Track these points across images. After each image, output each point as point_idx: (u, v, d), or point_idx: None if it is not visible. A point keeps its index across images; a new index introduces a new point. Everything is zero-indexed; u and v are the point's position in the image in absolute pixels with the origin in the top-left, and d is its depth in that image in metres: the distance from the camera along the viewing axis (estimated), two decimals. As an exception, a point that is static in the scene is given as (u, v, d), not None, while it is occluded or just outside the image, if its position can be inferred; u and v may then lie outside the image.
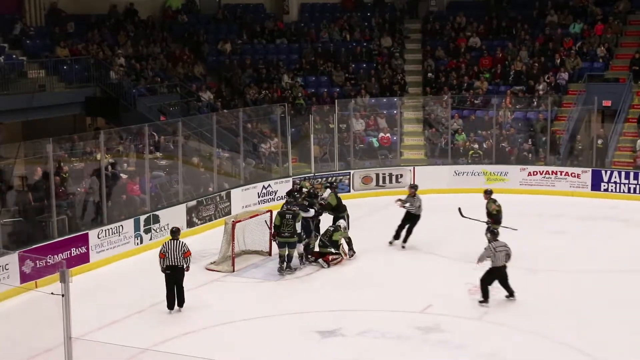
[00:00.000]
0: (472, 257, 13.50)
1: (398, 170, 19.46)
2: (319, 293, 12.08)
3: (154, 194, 15.42)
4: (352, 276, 12.84)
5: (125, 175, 15.30)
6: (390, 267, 13.33)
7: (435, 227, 15.94)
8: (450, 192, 19.08)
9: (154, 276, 12.89)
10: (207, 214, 16.06)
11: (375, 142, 20.68)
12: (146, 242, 14.47)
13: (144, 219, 14.46)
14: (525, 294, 11.78)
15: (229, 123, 18.64)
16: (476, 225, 15.99)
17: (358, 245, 13.93)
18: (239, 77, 22.38)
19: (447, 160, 20.00)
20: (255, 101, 21.60)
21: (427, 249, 14.30)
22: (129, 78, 19.88)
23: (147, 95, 19.93)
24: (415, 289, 12.12)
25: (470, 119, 20.97)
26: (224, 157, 18.04)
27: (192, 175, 16.72)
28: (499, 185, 19.17)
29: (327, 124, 20.37)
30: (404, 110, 21.76)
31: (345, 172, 19.07)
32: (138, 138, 15.68)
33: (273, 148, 19.34)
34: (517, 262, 13.24)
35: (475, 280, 12.18)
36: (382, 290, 12.06)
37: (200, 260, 13.71)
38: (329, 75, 23.13)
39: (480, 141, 20.35)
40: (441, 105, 21.23)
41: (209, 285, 12.48)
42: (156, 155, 16.45)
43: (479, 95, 21.66)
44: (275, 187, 17.73)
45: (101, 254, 13.55)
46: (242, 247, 13.96)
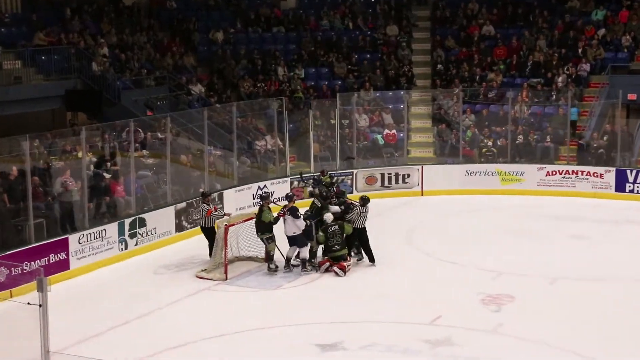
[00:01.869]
0: (486, 264, 13.53)
1: (405, 170, 19.43)
2: (319, 303, 12.05)
3: (140, 196, 15.38)
4: (355, 285, 12.81)
5: (108, 175, 15.26)
6: (396, 275, 13.28)
7: (445, 232, 15.92)
8: (462, 193, 19.05)
9: (140, 284, 12.89)
10: (198, 217, 15.92)
11: (380, 139, 20.65)
12: (131, 248, 14.41)
13: (128, 223, 14.41)
14: (542, 304, 11.76)
15: (221, 118, 18.61)
16: (491, 229, 16.01)
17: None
18: (233, 69, 22.36)
19: (457, 158, 19.98)
20: (250, 95, 21.59)
21: (436, 256, 14.27)
22: (112, 69, 19.85)
23: (133, 89, 19.91)
24: (423, 298, 12.09)
25: (484, 114, 20.94)
26: (216, 155, 18.01)
27: (182, 175, 16.69)
28: (514, 186, 19.17)
29: (328, 120, 20.35)
30: (412, 104, 21.73)
31: (348, 172, 19.03)
32: (122, 135, 15.62)
33: (269, 146, 19.32)
34: (534, 270, 13.24)
35: (490, 290, 12.16)
36: (388, 300, 12.03)
37: (190, 267, 13.68)
38: (330, 66, 23.11)
39: (495, 138, 20.33)
40: (452, 99, 21.20)
41: (200, 294, 12.45)
42: (142, 153, 16.42)
43: (493, 89, 21.64)
44: (272, 188, 17.69)
45: (82, 260, 13.51)
46: (235, 253, 13.93)
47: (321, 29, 24.23)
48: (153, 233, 14.89)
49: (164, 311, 11.65)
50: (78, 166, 14.25)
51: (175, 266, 13.90)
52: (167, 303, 11.93)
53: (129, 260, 14.23)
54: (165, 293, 12.38)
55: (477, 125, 20.65)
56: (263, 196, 13.58)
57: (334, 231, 13.17)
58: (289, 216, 13.12)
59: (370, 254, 13.63)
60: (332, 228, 13.17)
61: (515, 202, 18.27)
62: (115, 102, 19.04)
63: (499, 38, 23.28)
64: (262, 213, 13.14)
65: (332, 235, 13.14)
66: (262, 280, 13.03)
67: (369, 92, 21.87)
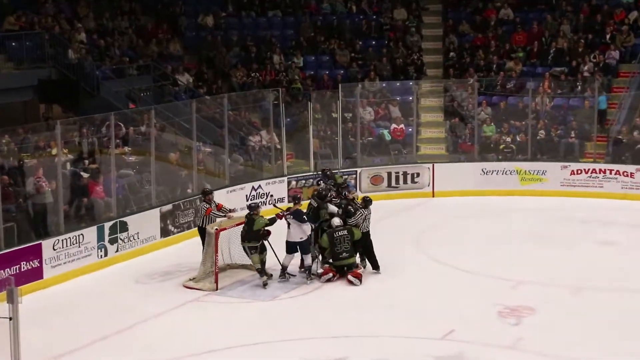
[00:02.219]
0: (504, 273, 13.51)
1: (414, 169, 19.41)
2: (319, 315, 12.03)
3: (121, 197, 15.37)
4: (358, 295, 12.79)
5: (86, 174, 15.25)
6: (403, 284, 13.27)
7: (458, 237, 15.90)
8: (477, 194, 19.05)
9: (121, 295, 12.87)
10: (185, 220, 16.03)
11: (386, 134, 20.64)
12: (111, 255, 14.41)
13: (109, 227, 14.42)
14: (566, 317, 11.73)
15: (211, 112, 18.62)
16: (510, 234, 15.99)
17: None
18: (224, 57, 22.35)
19: (473, 156, 19.93)
20: (242, 86, 21.58)
21: (449, 263, 14.25)
22: (91, 57, 19.83)
23: (113, 79, 19.89)
24: (434, 310, 12.07)
25: (501, 107, 20.90)
26: (206, 152, 18.00)
27: (167, 174, 16.68)
28: (535, 186, 19.15)
29: (329, 113, 20.33)
30: (421, 96, 21.71)
31: (351, 171, 19.01)
32: (102, 129, 15.60)
33: (264, 142, 19.31)
34: (559, 279, 13.22)
35: (508, 301, 12.14)
36: (395, 313, 12.01)
37: (176, 276, 13.67)
38: (332, 54, 23.09)
39: (514, 133, 20.30)
40: (466, 90, 21.18)
41: (187, 306, 12.43)
42: (124, 150, 16.41)
43: (512, 79, 21.61)
44: (267, 188, 17.68)
45: (57, 268, 13.50)
46: (227, 261, 13.92)
47: (322, 12, 24.21)
48: (136, 238, 14.87)
49: (148, 325, 11.62)
50: (52, 164, 14.23)
51: (160, 275, 13.88)
52: (150, 316, 11.90)
53: (109, 269, 14.22)
54: (149, 305, 12.36)
55: (494, 119, 20.63)
56: (252, 206, 13.43)
57: (342, 237, 13.12)
58: (293, 220, 13.04)
59: (375, 260, 13.61)
60: (339, 233, 13.12)
61: (536, 204, 18.24)
62: (94, 93, 19.00)
63: (518, 23, 23.25)
64: (253, 222, 12.94)
65: (339, 241, 13.09)
66: (256, 290, 13.00)
67: (375, 83, 21.85)
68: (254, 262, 13.09)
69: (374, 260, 13.62)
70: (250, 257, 13.15)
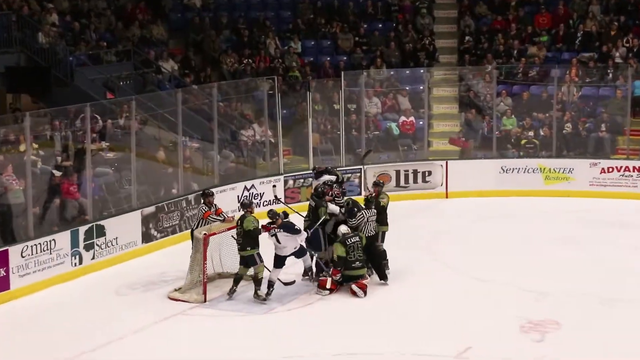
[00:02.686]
0: (526, 282, 13.49)
1: (425, 166, 19.41)
2: (320, 331, 12.01)
3: (98, 198, 15.37)
4: (364, 308, 12.78)
5: (58, 173, 15.22)
6: (414, 295, 13.26)
7: (475, 242, 15.88)
8: (496, 195, 19.05)
9: (98, 308, 12.84)
10: (170, 224, 16.02)
11: (394, 128, 20.65)
12: (87, 263, 14.39)
13: (84, 232, 14.40)
14: (596, 332, 11.71)
15: (199, 103, 18.60)
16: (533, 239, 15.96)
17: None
18: (213, 42, 22.33)
19: (491, 152, 19.91)
20: (234, 73, 21.57)
21: (465, 271, 14.24)
22: (64, 42, 19.81)
23: (89, 65, 19.89)
24: (449, 325, 12.06)
25: (523, 97, 20.89)
26: (193, 148, 18.00)
27: (150, 172, 16.68)
28: (561, 185, 19.13)
29: (330, 105, 20.32)
30: (434, 85, 21.71)
31: (355, 169, 19.01)
32: (76, 122, 15.56)
33: (258, 136, 19.30)
34: (588, 289, 13.20)
35: (531, 314, 12.11)
36: (404, 328, 12.00)
37: (160, 286, 13.65)
38: (333, 38, 23.10)
39: (537, 127, 20.26)
40: (483, 79, 21.18)
41: (173, 320, 12.42)
42: (101, 145, 16.39)
43: (535, 66, 21.60)
44: (261, 188, 17.66)
45: (26, 278, 13.47)
46: (217, 269, 13.90)
47: (322, -9, 24.21)
48: (114, 244, 14.87)
49: (127, 341, 11.59)
50: (21, 161, 14.20)
51: (141, 285, 13.86)
52: (131, 331, 11.88)
53: (85, 278, 14.19)
54: (129, 319, 12.33)
55: (515, 111, 20.62)
56: (245, 203, 13.37)
57: (355, 244, 13.09)
58: (285, 234, 12.88)
59: (382, 269, 13.58)
60: (352, 240, 13.10)
61: (563, 206, 18.23)
62: (67, 81, 19.01)
63: (542, 3, 23.25)
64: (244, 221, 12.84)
65: (352, 248, 13.06)
66: (249, 302, 12.96)
67: (381, 71, 21.85)
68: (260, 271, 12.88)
69: (381, 270, 13.60)
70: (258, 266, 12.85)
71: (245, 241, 12.84)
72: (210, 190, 14.28)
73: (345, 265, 13.07)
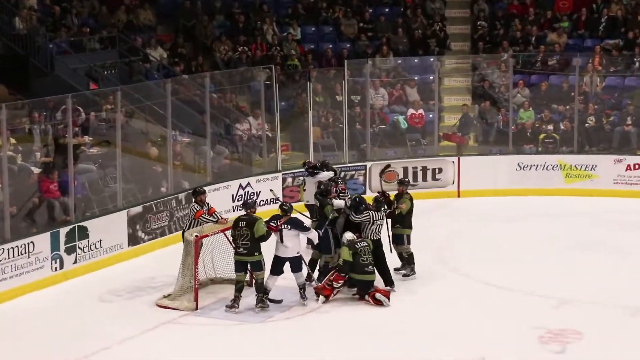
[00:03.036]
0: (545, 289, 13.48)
1: (436, 163, 19.43)
2: (322, 341, 11.99)
3: (81, 197, 15.36)
4: (369, 317, 12.77)
5: (37, 170, 15.21)
6: (424, 304, 13.28)
7: (489, 246, 15.87)
8: (512, 194, 19.08)
9: (81, 316, 12.84)
10: (158, 225, 16.03)
11: (402, 121, 20.64)
12: (69, 267, 14.39)
13: (65, 233, 14.40)
14: (621, 343, 11.70)
15: (190, 94, 18.59)
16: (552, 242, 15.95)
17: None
18: (205, 27, 22.32)
19: (507, 148, 19.91)
20: (228, 62, 21.55)
21: (478, 277, 14.24)
22: (44, 28, 19.79)
23: (71, 53, 19.89)
24: (461, 335, 12.05)
25: (542, 88, 20.86)
26: (183, 143, 18.00)
27: (137, 169, 16.69)
28: (583, 184, 19.11)
29: (332, 96, 20.29)
30: (445, 75, 21.70)
31: (359, 165, 19.00)
32: (57, 115, 15.56)
33: (254, 130, 19.30)
34: (612, 297, 13.19)
35: (550, 324, 12.10)
36: (413, 338, 11.99)
37: (147, 292, 13.64)
38: (336, 24, 23.08)
39: (556, 120, 20.24)
40: (499, 68, 21.16)
41: (161, 329, 12.41)
42: (84, 140, 16.38)
43: (554, 54, 21.58)
44: (258, 186, 17.65)
45: (2, 284, 13.46)
46: (209, 274, 13.90)
47: (324, -27, 24.20)
48: (98, 247, 14.87)
49: (113, 352, 11.57)
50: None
51: (127, 292, 13.86)
52: (116, 341, 11.84)
53: (66, 284, 14.18)
54: (115, 327, 12.31)
55: (533, 103, 20.61)
56: (248, 204, 13.30)
57: (364, 248, 13.12)
58: (292, 230, 12.89)
59: (388, 275, 13.60)
60: (360, 245, 13.12)
61: (585, 206, 18.24)
62: (47, 71, 19.00)
63: (563, -15, 23.27)
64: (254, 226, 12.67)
65: (363, 252, 13.09)
66: (244, 310, 12.93)
67: (388, 59, 21.83)
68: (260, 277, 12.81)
69: (388, 276, 13.60)
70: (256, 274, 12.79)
71: (253, 246, 12.71)
72: (201, 188, 14.29)
73: (357, 269, 13.07)
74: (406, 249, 14.04)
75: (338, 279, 13.15)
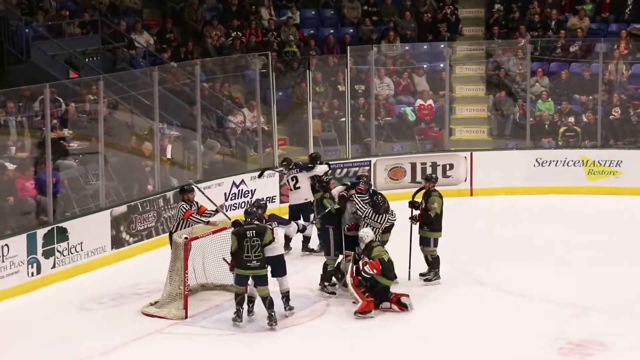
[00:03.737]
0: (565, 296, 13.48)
1: (446, 158, 19.45)
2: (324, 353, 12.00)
3: (60, 196, 15.35)
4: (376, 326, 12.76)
5: (12, 166, 15.22)
6: (435, 312, 13.28)
7: (505, 248, 15.87)
8: (529, 192, 19.11)
9: (60, 325, 12.84)
10: (144, 226, 16.05)
11: (410, 113, 20.65)
12: (47, 272, 14.39)
13: (43, 235, 14.40)
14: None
15: (179, 83, 18.58)
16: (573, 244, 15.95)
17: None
18: (195, 11, 22.30)
19: (524, 142, 19.91)
20: (220, 49, 21.55)
21: (492, 282, 14.25)
22: (18, 11, 19.78)
23: (49, 39, 19.86)
24: (474, 345, 12.05)
25: (562, 77, 20.87)
26: (172, 136, 17.99)
27: (121, 165, 16.69)
28: (607, 181, 19.11)
29: (334, 86, 20.30)
30: (456, 63, 21.69)
31: (364, 161, 19.00)
32: (34, 106, 15.57)
33: (249, 123, 19.30)
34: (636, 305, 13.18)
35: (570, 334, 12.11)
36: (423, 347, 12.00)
37: (133, 299, 13.65)
38: (338, 8, 23.07)
39: (578, 112, 20.23)
40: (515, 55, 21.16)
41: (148, 339, 12.41)
42: (63, 133, 16.38)
43: (576, 40, 21.58)
44: (252, 184, 17.64)
45: (-26, 290, 13.53)
46: (200, 280, 13.90)
47: (325, -48, 24.19)
48: (79, 250, 14.88)
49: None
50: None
51: (111, 299, 13.87)
52: (99, 352, 11.84)
53: (43, 290, 14.19)
54: (97, 338, 12.31)
55: (552, 93, 20.60)
56: (261, 205, 13.04)
57: None
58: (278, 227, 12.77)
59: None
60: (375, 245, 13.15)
61: (609, 205, 18.23)
62: (23, 58, 19.01)
63: (585, -36, 23.24)
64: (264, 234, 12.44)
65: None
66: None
67: (394, 45, 21.81)
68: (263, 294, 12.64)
69: None
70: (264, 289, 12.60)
71: (264, 257, 12.43)
72: (190, 186, 14.27)
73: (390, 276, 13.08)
74: (432, 251, 14.08)
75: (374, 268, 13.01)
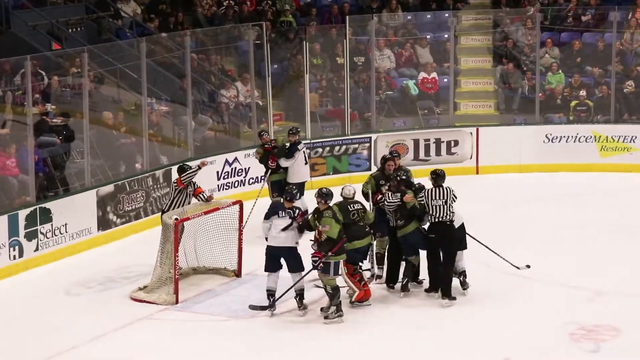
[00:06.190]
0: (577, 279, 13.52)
1: (451, 134, 19.46)
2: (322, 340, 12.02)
3: (43, 175, 15.36)
4: (377, 313, 12.78)
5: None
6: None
7: (513, 230, 15.89)
8: (539, 170, 19.17)
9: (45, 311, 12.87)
10: (132, 207, 16.07)
11: (412, 86, 20.65)
12: (29, 255, 14.42)
13: (25, 216, 14.41)
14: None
15: (168, 55, 18.55)
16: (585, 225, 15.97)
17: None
18: (185, -22, 22.27)
19: (533, 116, 19.91)
20: (212, 19, 21.50)
21: (500, 266, 14.23)
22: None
23: (29, 8, 19.81)
24: (483, 332, 12.09)
25: (574, 48, 20.87)
26: (161, 112, 17.98)
27: (107, 142, 16.69)
28: (621, 158, 19.12)
29: (332, 58, 20.27)
30: (462, 33, 21.66)
31: (364, 138, 19.02)
32: (15, 79, 15.58)
33: (242, 97, 19.28)
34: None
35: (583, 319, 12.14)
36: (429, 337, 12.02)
37: (120, 284, 13.69)
38: (336, -26, 23.04)
39: (590, 85, 20.23)
40: (524, 24, 21.12)
41: (137, 325, 12.44)
42: (46, 108, 16.36)
43: (588, 8, 21.53)
44: (246, 162, 17.64)
45: (-47, 274, 13.57)
46: (192, 263, 13.93)
47: None
48: (63, 232, 14.90)
49: (81, 351, 11.61)
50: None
51: (98, 283, 13.91)
52: (85, 339, 11.87)
53: (26, 274, 14.22)
54: (83, 324, 12.35)
55: (563, 64, 20.58)
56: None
57: None
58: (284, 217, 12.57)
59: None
60: None
61: (622, 184, 18.28)
62: (2, 28, 18.99)
63: None
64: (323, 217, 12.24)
65: None
66: (232, 304, 12.99)
67: (396, 15, 21.77)
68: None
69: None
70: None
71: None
72: (186, 165, 14.26)
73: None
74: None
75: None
